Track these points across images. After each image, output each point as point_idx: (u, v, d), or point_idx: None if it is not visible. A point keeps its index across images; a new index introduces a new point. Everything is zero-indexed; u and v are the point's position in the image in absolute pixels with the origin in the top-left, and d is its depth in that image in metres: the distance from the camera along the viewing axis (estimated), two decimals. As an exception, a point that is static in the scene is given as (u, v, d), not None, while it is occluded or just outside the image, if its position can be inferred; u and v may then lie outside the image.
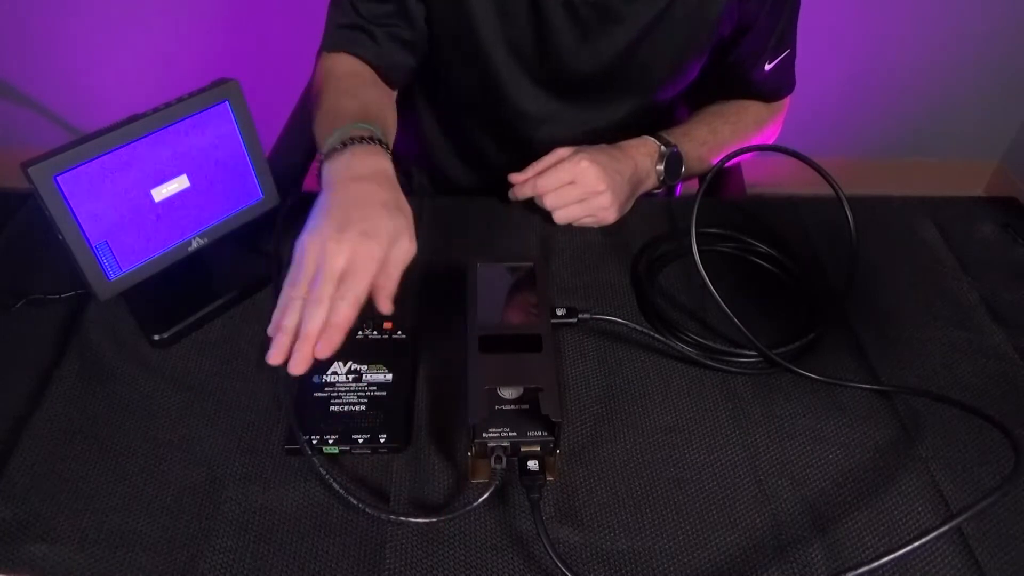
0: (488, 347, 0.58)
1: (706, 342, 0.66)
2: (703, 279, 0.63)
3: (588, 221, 0.79)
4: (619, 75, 0.84)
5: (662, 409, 0.62)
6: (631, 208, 0.82)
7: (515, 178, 0.80)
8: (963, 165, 2.09)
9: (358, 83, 0.81)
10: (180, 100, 0.61)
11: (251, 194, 0.69)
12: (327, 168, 0.64)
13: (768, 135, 0.95)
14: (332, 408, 0.60)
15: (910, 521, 0.55)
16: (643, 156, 0.82)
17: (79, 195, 0.57)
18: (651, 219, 0.81)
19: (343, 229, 0.56)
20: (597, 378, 0.65)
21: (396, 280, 0.58)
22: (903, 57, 1.84)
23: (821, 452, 0.59)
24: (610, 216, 0.79)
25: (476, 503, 0.52)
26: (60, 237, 0.57)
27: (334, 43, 0.85)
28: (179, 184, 0.63)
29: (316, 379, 0.62)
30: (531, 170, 0.79)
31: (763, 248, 0.75)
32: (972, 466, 0.59)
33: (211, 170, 0.65)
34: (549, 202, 0.78)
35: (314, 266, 0.56)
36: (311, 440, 0.57)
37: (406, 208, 0.61)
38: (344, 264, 0.55)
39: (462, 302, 0.64)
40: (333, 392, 0.61)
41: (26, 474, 0.56)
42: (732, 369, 0.65)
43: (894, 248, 0.79)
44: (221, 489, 0.55)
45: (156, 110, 0.59)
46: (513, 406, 0.55)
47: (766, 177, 1.77)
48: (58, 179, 0.55)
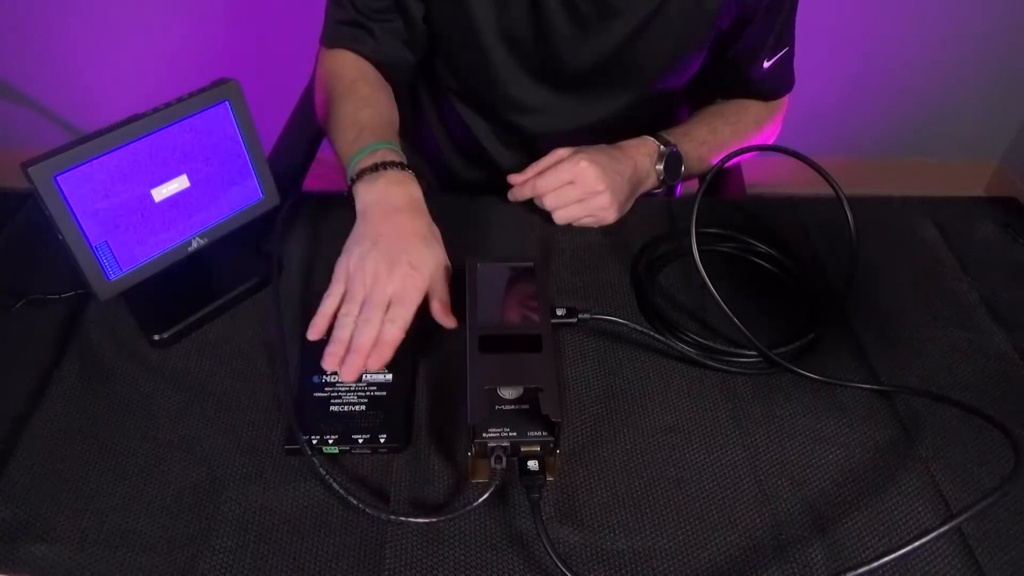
0: (488, 347, 0.58)
1: (706, 342, 0.66)
2: (703, 279, 0.63)
3: (588, 221, 0.79)
4: (617, 68, 0.84)
5: (662, 409, 0.62)
6: (631, 208, 0.82)
7: (514, 179, 0.80)
8: (963, 165, 2.09)
9: (369, 90, 0.82)
10: (180, 100, 0.61)
11: (251, 194, 0.69)
12: (361, 192, 0.69)
13: (768, 134, 0.95)
14: (332, 408, 0.60)
15: (910, 521, 0.55)
16: (642, 156, 0.82)
17: (79, 195, 0.57)
18: (651, 219, 0.81)
19: (393, 262, 0.63)
20: (597, 378, 0.65)
21: (447, 298, 0.67)
22: (903, 57, 1.84)
23: (821, 452, 0.59)
24: (610, 216, 0.79)
25: (476, 503, 0.52)
26: (60, 237, 0.57)
27: (334, 39, 0.86)
28: (179, 184, 0.63)
29: (316, 379, 0.62)
30: (530, 171, 0.79)
31: (763, 248, 0.75)
32: (972, 466, 0.59)
33: (211, 170, 0.65)
34: (549, 202, 0.78)
35: (363, 293, 0.63)
36: (311, 440, 0.57)
37: (437, 234, 0.69)
38: (391, 294, 0.62)
39: (462, 302, 0.64)
40: (333, 392, 0.61)
41: (26, 474, 0.56)
42: (732, 369, 0.65)
43: (894, 248, 0.79)
44: (221, 489, 0.55)
45: (156, 110, 0.59)
46: (513, 406, 0.55)
47: (766, 177, 1.77)
48: (58, 179, 0.55)
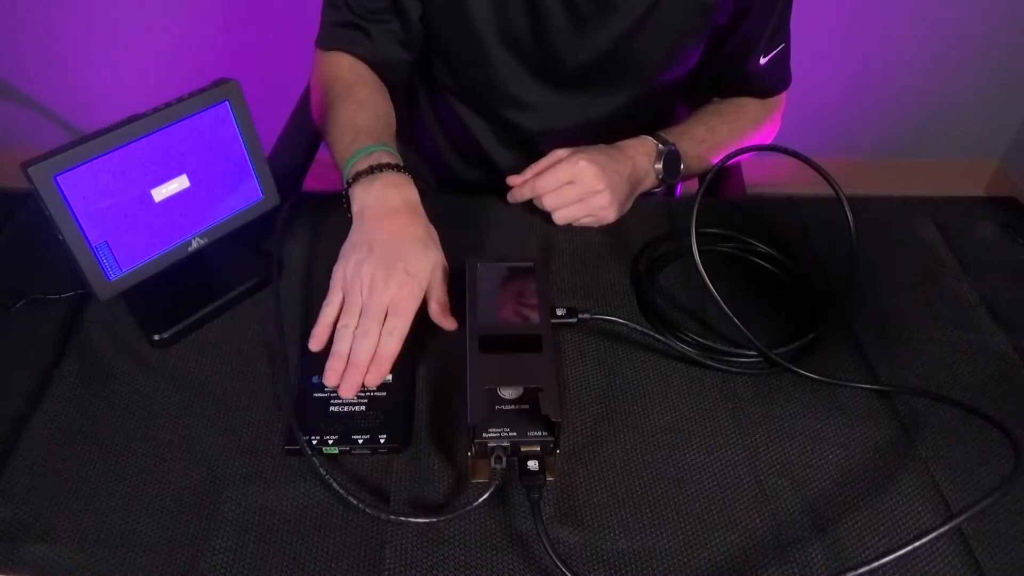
0: (488, 347, 0.58)
1: (706, 342, 0.66)
2: (703, 279, 0.63)
3: (588, 221, 0.79)
4: (615, 65, 0.84)
5: (662, 409, 0.62)
6: (631, 208, 0.82)
7: (513, 180, 0.80)
8: (963, 165, 2.09)
9: (366, 92, 0.82)
10: (180, 100, 0.61)
11: (251, 194, 0.69)
12: (358, 195, 0.69)
13: (766, 133, 0.95)
14: (332, 408, 0.60)
15: (910, 521, 0.55)
16: (641, 155, 0.82)
17: (79, 195, 0.57)
18: (651, 219, 0.81)
19: (390, 269, 0.63)
20: (597, 378, 0.64)
21: (446, 300, 0.67)
22: (903, 57, 1.84)
23: (821, 452, 0.59)
24: (610, 215, 0.79)
25: (476, 503, 0.52)
26: (60, 237, 0.57)
27: (330, 42, 0.86)
28: (179, 184, 0.63)
29: (316, 379, 0.61)
30: (529, 172, 0.79)
31: (763, 248, 0.75)
32: (972, 466, 0.59)
33: (211, 170, 0.65)
34: (548, 203, 0.78)
35: (360, 302, 0.63)
36: (311, 440, 0.57)
37: (435, 236, 0.68)
38: (389, 302, 0.62)
39: (462, 302, 0.64)
40: (333, 392, 0.61)
41: (26, 474, 0.56)
42: (732, 369, 0.65)
43: (894, 248, 0.79)
44: (221, 489, 0.55)
45: (156, 110, 0.59)
46: (513, 406, 0.55)
47: (766, 177, 1.77)
48: (58, 179, 0.55)
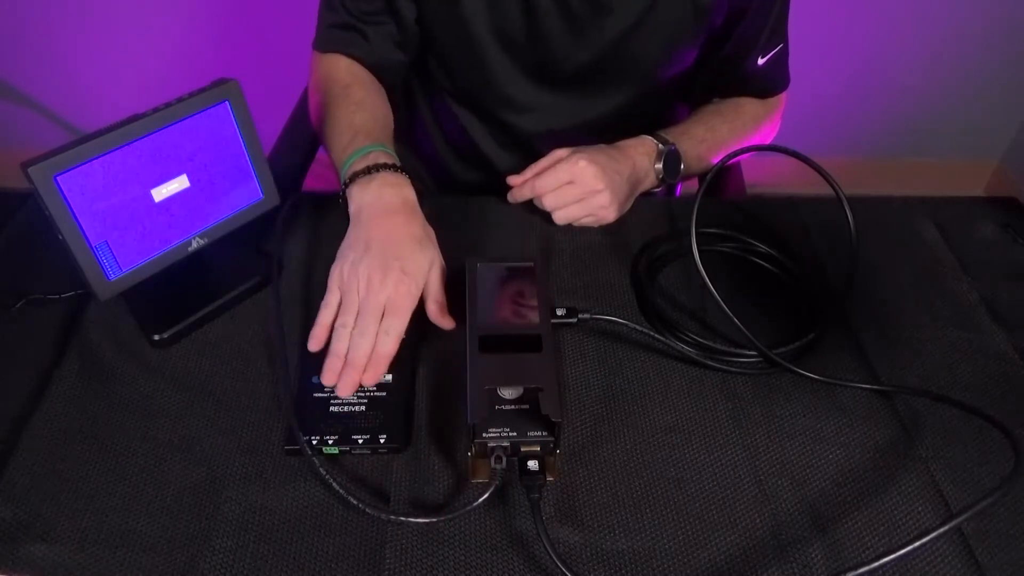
0: (488, 347, 0.58)
1: (706, 342, 0.66)
2: (703, 279, 0.63)
3: (588, 221, 0.79)
4: (611, 66, 0.84)
5: (662, 409, 0.62)
6: (631, 208, 0.82)
7: (513, 180, 0.80)
8: (963, 165, 2.09)
9: (363, 94, 0.82)
10: (180, 100, 0.61)
11: (251, 194, 0.69)
12: (355, 195, 0.69)
13: (766, 133, 0.95)
14: (332, 408, 0.60)
15: (910, 521, 0.55)
16: (641, 155, 0.82)
17: (79, 195, 0.57)
18: (651, 219, 0.81)
19: (386, 268, 0.63)
20: (597, 378, 0.64)
21: (443, 299, 0.67)
22: (903, 57, 1.84)
23: (821, 452, 0.59)
24: (610, 215, 0.79)
25: (476, 503, 0.52)
26: (60, 237, 0.57)
27: (327, 44, 0.86)
28: (179, 184, 0.63)
29: (316, 379, 0.61)
30: (529, 172, 0.79)
31: (763, 248, 0.75)
32: (972, 466, 0.59)
33: (211, 170, 0.65)
34: (548, 203, 0.78)
35: (357, 302, 0.62)
36: (311, 440, 0.57)
37: (432, 236, 0.68)
38: (385, 301, 0.62)
39: (462, 302, 0.64)
40: (333, 392, 0.61)
41: (26, 474, 0.56)
42: (732, 369, 0.65)
43: (894, 248, 0.79)
44: (221, 489, 0.55)
45: (156, 110, 0.59)
46: (513, 406, 0.55)
47: (766, 177, 1.77)
48: (58, 179, 0.55)
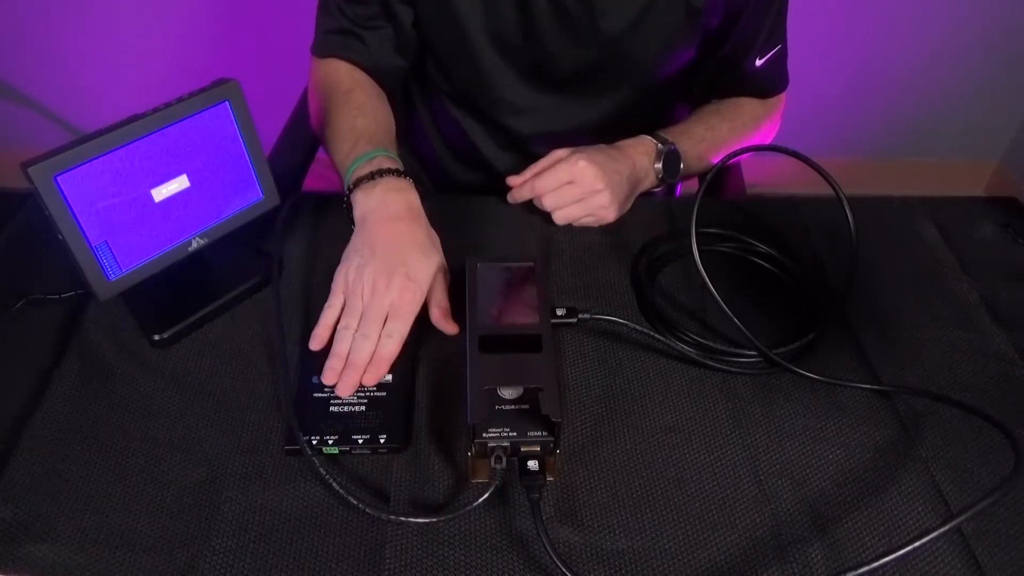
0: (488, 347, 0.58)
1: (706, 342, 0.66)
2: (703, 279, 0.63)
3: (588, 221, 0.79)
4: (606, 67, 0.85)
5: (662, 409, 0.62)
6: (631, 208, 0.82)
7: (513, 180, 0.80)
8: (963, 165, 2.09)
9: (364, 98, 0.82)
10: (180, 100, 0.61)
11: (251, 194, 0.69)
12: (360, 200, 0.69)
13: (766, 132, 0.95)
14: (332, 408, 0.60)
15: (910, 521, 0.55)
16: (641, 155, 0.82)
17: (79, 195, 0.57)
18: (651, 219, 0.81)
19: (391, 274, 0.63)
20: (597, 378, 0.64)
21: (447, 304, 0.67)
22: (903, 57, 1.84)
23: (821, 452, 0.59)
24: (609, 215, 0.79)
25: (476, 503, 0.52)
26: (60, 237, 0.57)
27: (326, 49, 0.86)
28: (179, 184, 0.63)
29: (316, 379, 0.61)
30: (529, 172, 0.79)
31: (763, 248, 0.75)
32: (972, 466, 0.59)
33: (211, 170, 0.65)
34: (548, 202, 0.78)
35: (361, 305, 0.63)
36: (311, 440, 0.57)
37: (436, 241, 0.69)
38: (389, 305, 0.63)
39: (462, 302, 0.64)
40: (333, 392, 0.61)
41: (26, 474, 0.56)
42: (732, 369, 0.65)
43: (894, 248, 0.79)
44: (221, 489, 0.55)
45: (156, 110, 0.59)
46: (513, 406, 0.55)
47: (766, 177, 1.77)
48: (58, 179, 0.55)
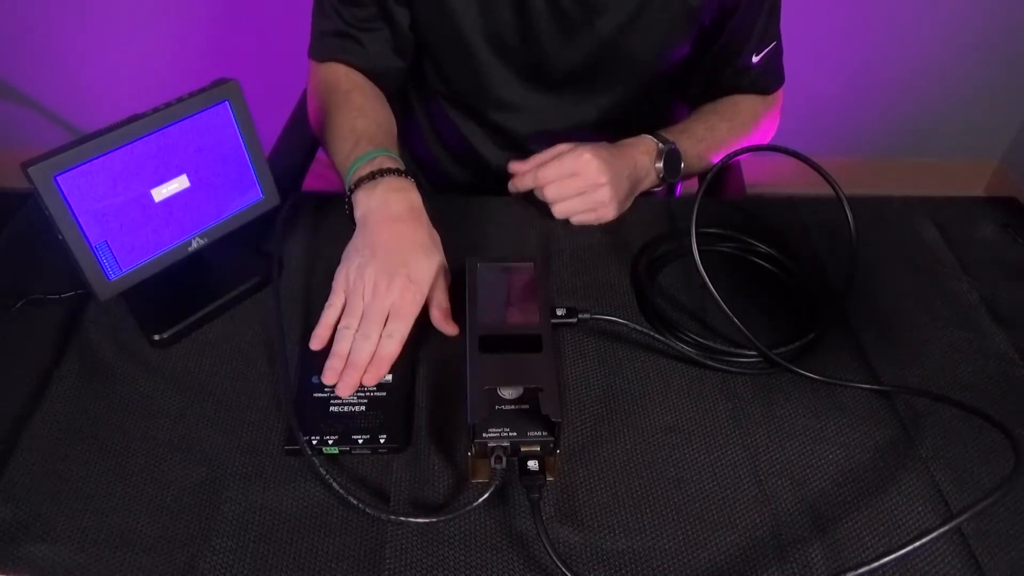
0: (488, 347, 0.58)
1: (706, 342, 0.66)
2: (703, 279, 0.63)
3: (588, 216, 0.79)
4: (603, 66, 0.85)
5: (662, 409, 0.62)
6: (631, 208, 0.82)
7: (515, 168, 0.79)
8: (963, 165, 2.09)
9: (363, 99, 0.82)
10: (180, 100, 0.61)
11: (251, 194, 0.69)
12: (361, 201, 0.69)
13: (765, 130, 0.95)
14: (332, 408, 0.60)
15: (910, 521, 0.55)
16: (641, 154, 0.82)
17: (79, 195, 0.57)
18: (651, 219, 0.81)
19: (392, 274, 0.63)
20: (597, 378, 0.64)
21: (447, 305, 0.67)
22: (903, 57, 1.84)
23: (821, 452, 0.59)
24: (610, 212, 0.78)
25: (476, 503, 0.52)
26: (60, 237, 0.57)
27: (323, 52, 0.86)
28: (179, 184, 0.63)
29: (316, 379, 0.61)
30: (532, 162, 0.79)
31: (763, 248, 0.75)
32: (972, 466, 0.59)
33: (211, 170, 0.65)
34: (550, 194, 0.77)
35: (362, 305, 0.63)
36: (311, 440, 0.57)
37: (437, 241, 0.69)
38: (390, 306, 0.63)
39: (462, 302, 0.64)
40: (333, 392, 0.61)
41: (26, 474, 0.56)
42: (732, 369, 0.65)
43: (894, 248, 0.79)
44: (221, 489, 0.55)
45: (156, 110, 0.59)
46: (513, 406, 0.55)
47: (766, 177, 1.77)
48: (58, 179, 0.55)
